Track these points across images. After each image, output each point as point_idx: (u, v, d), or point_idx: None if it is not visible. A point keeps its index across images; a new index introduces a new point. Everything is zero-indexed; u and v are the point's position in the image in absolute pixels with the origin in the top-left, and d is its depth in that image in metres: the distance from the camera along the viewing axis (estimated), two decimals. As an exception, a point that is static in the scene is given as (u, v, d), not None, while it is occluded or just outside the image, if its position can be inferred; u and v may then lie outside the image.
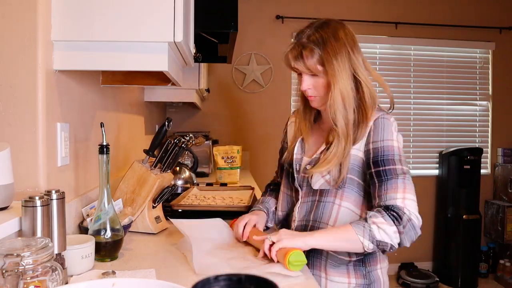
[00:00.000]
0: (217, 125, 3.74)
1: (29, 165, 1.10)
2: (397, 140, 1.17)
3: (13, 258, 0.70)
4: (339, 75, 1.15)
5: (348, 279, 1.21)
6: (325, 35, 1.16)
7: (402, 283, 3.71)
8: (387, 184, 1.12)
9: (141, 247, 1.29)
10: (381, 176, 1.14)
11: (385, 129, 1.17)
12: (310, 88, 1.22)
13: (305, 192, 1.29)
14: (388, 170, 1.13)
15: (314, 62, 1.16)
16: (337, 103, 1.16)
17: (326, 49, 1.15)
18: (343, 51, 1.16)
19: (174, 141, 1.51)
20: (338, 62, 1.15)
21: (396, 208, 1.09)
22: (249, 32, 3.69)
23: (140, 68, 1.18)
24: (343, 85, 1.16)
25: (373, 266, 1.23)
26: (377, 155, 1.15)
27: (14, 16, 1.07)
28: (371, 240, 1.07)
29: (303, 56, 1.17)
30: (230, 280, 0.44)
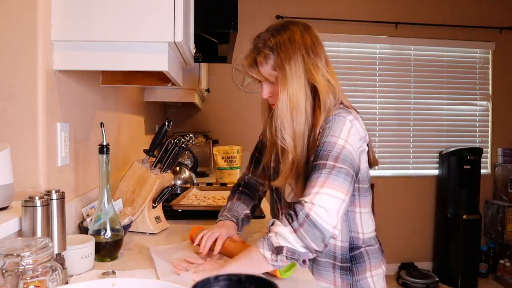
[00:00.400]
0: (217, 125, 3.74)
1: (29, 165, 1.10)
2: (345, 139, 1.03)
3: (13, 258, 0.70)
4: (290, 81, 1.06)
5: (334, 286, 1.15)
6: (281, 38, 1.09)
7: (402, 283, 3.71)
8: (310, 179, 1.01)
9: (141, 247, 1.29)
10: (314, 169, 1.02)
11: (334, 126, 1.05)
12: (271, 95, 1.14)
13: (283, 204, 1.25)
14: (317, 164, 1.02)
15: (269, 69, 1.09)
16: (284, 112, 1.07)
17: (279, 53, 1.08)
18: (298, 54, 1.07)
19: (174, 141, 1.51)
20: (290, 66, 1.07)
21: (297, 205, 0.97)
22: (249, 32, 3.68)
23: (140, 68, 1.18)
24: (293, 91, 1.06)
25: (361, 274, 1.15)
26: (318, 150, 1.05)
27: (14, 16, 1.07)
28: (270, 249, 0.95)
29: (257, 62, 1.11)
30: (230, 280, 0.44)
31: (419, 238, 4.01)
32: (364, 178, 1.17)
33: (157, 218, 1.49)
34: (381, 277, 1.19)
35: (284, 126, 1.08)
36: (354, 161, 1.05)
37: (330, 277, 1.15)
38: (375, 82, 3.96)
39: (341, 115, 1.07)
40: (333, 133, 1.04)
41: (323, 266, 1.16)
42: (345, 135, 1.04)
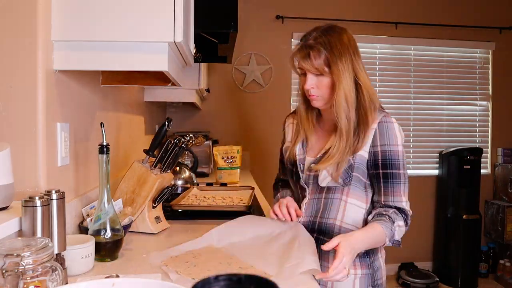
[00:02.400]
0: (217, 125, 3.74)
1: (29, 165, 1.10)
2: (401, 144, 1.27)
3: (13, 258, 0.70)
4: (343, 76, 1.22)
5: (354, 270, 1.28)
6: (331, 38, 1.24)
7: (402, 283, 3.71)
8: (394, 187, 1.25)
9: (141, 247, 1.29)
10: (388, 178, 1.25)
11: (390, 133, 1.25)
12: (314, 87, 1.27)
13: (312, 189, 1.36)
14: (395, 173, 1.25)
15: (321, 63, 1.23)
16: (341, 102, 1.23)
17: (332, 50, 1.22)
18: (347, 54, 1.24)
19: (174, 141, 1.51)
20: (342, 63, 1.22)
21: (405, 211, 1.25)
22: (249, 32, 3.69)
23: (140, 68, 1.18)
24: (347, 85, 1.23)
25: (376, 255, 1.32)
26: (386, 158, 1.25)
27: (14, 16, 1.07)
28: (390, 239, 1.21)
29: (311, 56, 1.24)
30: (230, 280, 0.44)
31: (419, 238, 4.01)
32: None
33: (157, 218, 1.49)
34: (384, 257, 1.37)
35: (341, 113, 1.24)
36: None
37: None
38: (375, 82, 3.95)
39: (388, 120, 1.27)
40: (395, 142, 1.25)
41: None
42: (400, 141, 1.27)
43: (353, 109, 1.25)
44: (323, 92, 1.27)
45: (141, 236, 1.42)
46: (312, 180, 1.35)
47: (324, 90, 1.27)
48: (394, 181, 1.26)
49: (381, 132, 1.25)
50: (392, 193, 1.26)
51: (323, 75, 1.25)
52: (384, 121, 1.26)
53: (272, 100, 3.73)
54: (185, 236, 1.46)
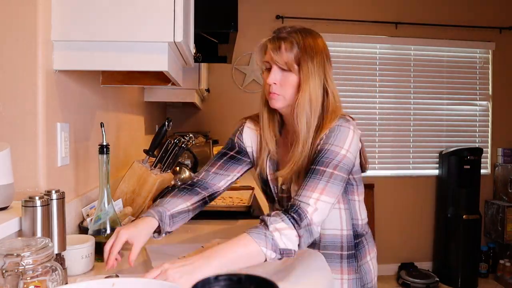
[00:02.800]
0: (217, 125, 3.74)
1: (29, 165, 1.10)
2: (347, 149, 1.10)
3: (13, 258, 0.70)
4: (312, 77, 1.13)
5: (341, 275, 1.22)
6: (306, 37, 1.16)
7: (402, 283, 3.71)
8: (310, 182, 1.05)
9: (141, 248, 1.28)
10: (312, 173, 1.07)
11: (339, 136, 1.11)
12: (277, 83, 1.16)
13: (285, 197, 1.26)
14: (317, 169, 1.07)
15: (291, 57, 1.14)
16: (304, 104, 1.13)
17: (305, 48, 1.14)
18: (320, 57, 1.15)
19: (174, 141, 1.51)
20: (313, 64, 1.14)
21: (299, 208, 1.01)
22: (249, 32, 3.69)
23: (140, 68, 1.18)
24: (314, 88, 1.14)
25: (363, 259, 1.25)
26: (319, 155, 1.10)
27: (14, 16, 1.07)
28: (274, 249, 0.96)
29: (281, 48, 1.14)
30: (230, 280, 0.44)
31: (419, 238, 4.01)
32: (357, 168, 1.25)
33: (157, 218, 1.49)
34: (375, 258, 1.29)
35: (302, 116, 1.14)
36: (351, 166, 1.14)
37: (337, 267, 1.21)
38: (375, 82, 3.96)
39: (343, 125, 1.13)
40: (337, 143, 1.10)
41: (330, 258, 1.21)
42: (348, 145, 1.11)
43: (315, 115, 1.14)
44: (286, 91, 1.15)
45: (141, 236, 1.42)
46: (286, 202, 1.22)
47: (288, 89, 1.15)
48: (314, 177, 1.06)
49: (329, 133, 1.12)
50: (305, 186, 1.05)
51: (291, 71, 1.14)
52: (340, 124, 1.13)
53: (272, 100, 3.73)
54: (185, 236, 1.46)
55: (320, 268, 1.08)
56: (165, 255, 1.17)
